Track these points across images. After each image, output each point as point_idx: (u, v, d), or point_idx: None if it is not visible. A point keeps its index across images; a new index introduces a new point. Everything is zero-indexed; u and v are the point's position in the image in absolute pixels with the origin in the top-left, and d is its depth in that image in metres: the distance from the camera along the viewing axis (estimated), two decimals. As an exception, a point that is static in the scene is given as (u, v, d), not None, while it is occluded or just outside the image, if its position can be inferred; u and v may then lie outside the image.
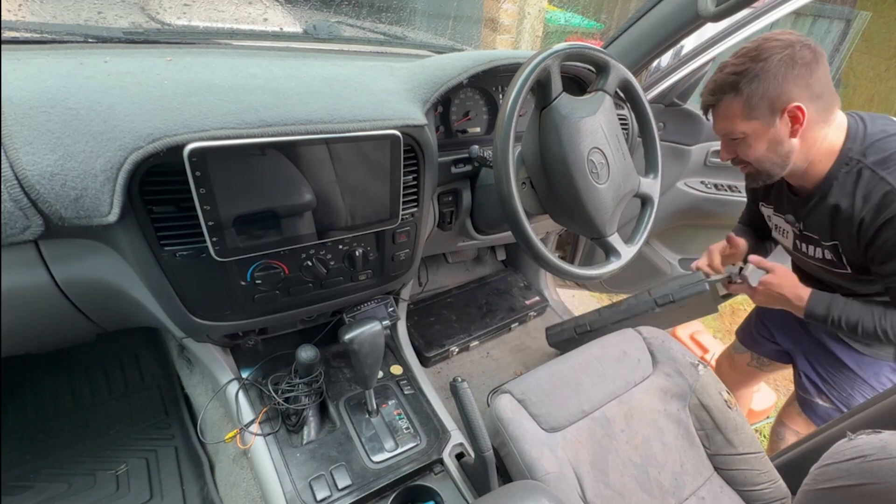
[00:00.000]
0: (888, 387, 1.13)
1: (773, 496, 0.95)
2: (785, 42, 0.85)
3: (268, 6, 1.22)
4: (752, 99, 0.87)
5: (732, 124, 0.93)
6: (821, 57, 0.86)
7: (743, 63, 0.87)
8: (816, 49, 0.86)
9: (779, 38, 0.86)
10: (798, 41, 0.86)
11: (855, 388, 1.16)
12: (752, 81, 0.86)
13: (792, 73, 0.84)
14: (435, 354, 1.38)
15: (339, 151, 0.71)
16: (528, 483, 0.69)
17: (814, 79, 0.85)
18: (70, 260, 0.70)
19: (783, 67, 0.84)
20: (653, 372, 1.07)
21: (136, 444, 1.09)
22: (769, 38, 0.87)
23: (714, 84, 0.92)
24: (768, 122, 0.89)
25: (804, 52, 0.84)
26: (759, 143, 0.92)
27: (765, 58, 0.85)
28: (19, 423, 1.10)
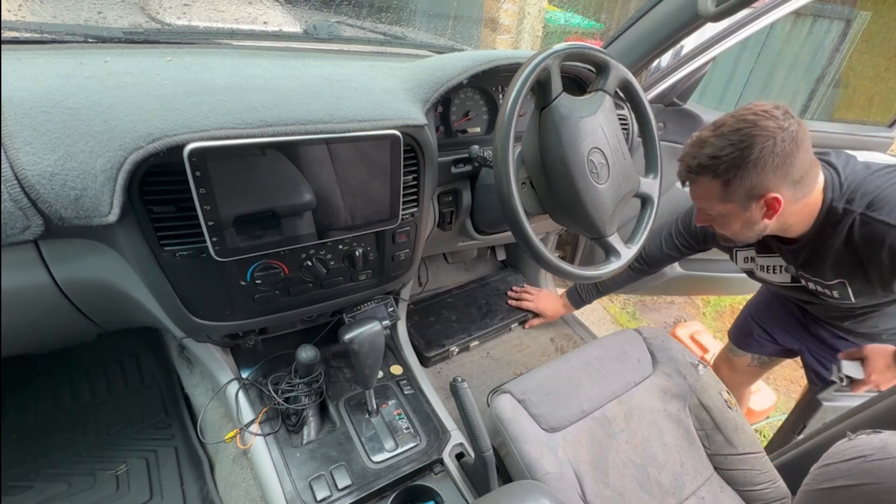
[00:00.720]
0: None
1: (773, 496, 0.95)
2: (768, 131, 0.81)
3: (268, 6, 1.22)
4: (729, 185, 0.86)
5: (708, 203, 0.92)
6: (803, 141, 0.83)
7: (723, 148, 0.84)
8: (797, 134, 0.82)
9: (762, 125, 0.81)
10: (781, 128, 0.81)
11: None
12: (731, 170, 0.84)
13: (772, 165, 0.82)
14: (435, 354, 1.38)
15: (339, 151, 0.71)
16: (528, 483, 0.69)
17: (795, 168, 0.83)
18: (70, 260, 0.70)
19: (764, 159, 0.81)
20: (653, 372, 1.07)
21: (136, 444, 1.09)
22: (753, 124, 0.82)
23: (692, 161, 0.89)
24: (744, 206, 0.88)
25: (787, 143, 0.81)
26: (733, 222, 0.93)
27: (746, 146, 0.82)
28: (19, 422, 1.10)
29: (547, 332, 1.61)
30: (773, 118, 0.81)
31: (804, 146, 0.83)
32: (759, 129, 0.81)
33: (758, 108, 0.84)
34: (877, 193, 0.86)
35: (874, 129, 1.73)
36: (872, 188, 0.87)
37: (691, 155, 0.89)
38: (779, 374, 2.24)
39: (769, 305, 1.39)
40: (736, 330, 1.53)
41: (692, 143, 0.90)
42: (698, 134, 0.89)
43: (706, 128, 0.89)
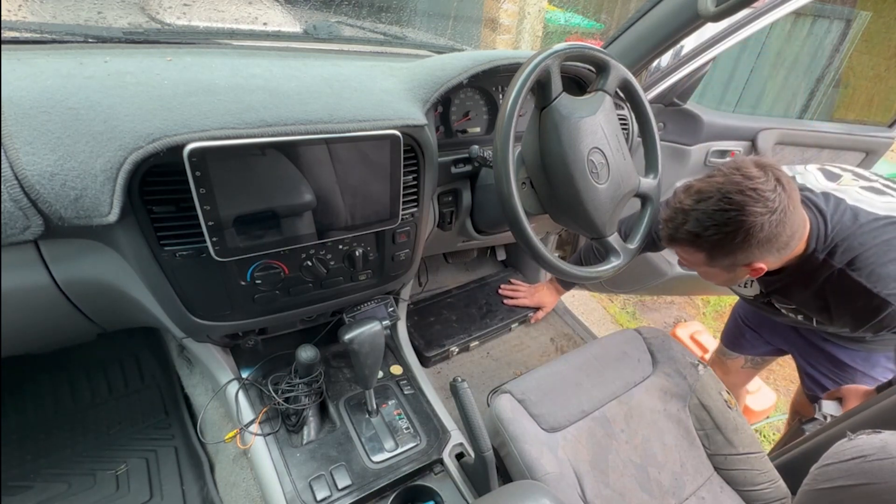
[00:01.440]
0: (887, 375, 1.14)
1: (773, 496, 0.95)
2: (756, 216, 0.76)
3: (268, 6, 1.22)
4: (712, 259, 0.85)
5: (692, 264, 0.92)
6: (792, 210, 0.79)
7: (706, 228, 0.80)
8: (787, 207, 0.78)
9: (749, 211, 0.76)
10: (770, 210, 0.76)
11: (856, 380, 1.17)
12: (714, 248, 0.82)
13: (757, 244, 0.79)
14: (435, 354, 1.38)
15: (339, 151, 0.71)
16: (528, 483, 0.69)
17: (782, 239, 0.80)
18: (70, 260, 0.70)
19: (749, 241, 0.79)
20: (653, 372, 1.07)
21: (136, 444, 1.09)
22: (740, 208, 0.77)
23: (673, 231, 0.86)
24: (728, 269, 0.88)
25: (774, 225, 0.77)
26: (717, 278, 0.93)
27: (730, 230, 0.78)
28: (19, 422, 1.10)
29: (547, 332, 1.61)
30: (761, 199, 0.76)
31: (793, 214, 0.80)
32: (746, 214, 0.76)
33: (746, 182, 0.77)
34: (860, 252, 0.84)
35: (874, 129, 1.73)
36: (856, 245, 0.84)
37: (672, 224, 0.86)
38: (779, 374, 2.24)
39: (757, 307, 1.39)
40: (727, 333, 1.53)
41: (674, 207, 0.86)
42: (680, 198, 0.85)
43: (688, 190, 0.84)
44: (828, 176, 0.98)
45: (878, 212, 0.87)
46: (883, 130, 1.73)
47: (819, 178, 0.97)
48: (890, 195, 0.91)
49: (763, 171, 0.79)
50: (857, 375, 1.16)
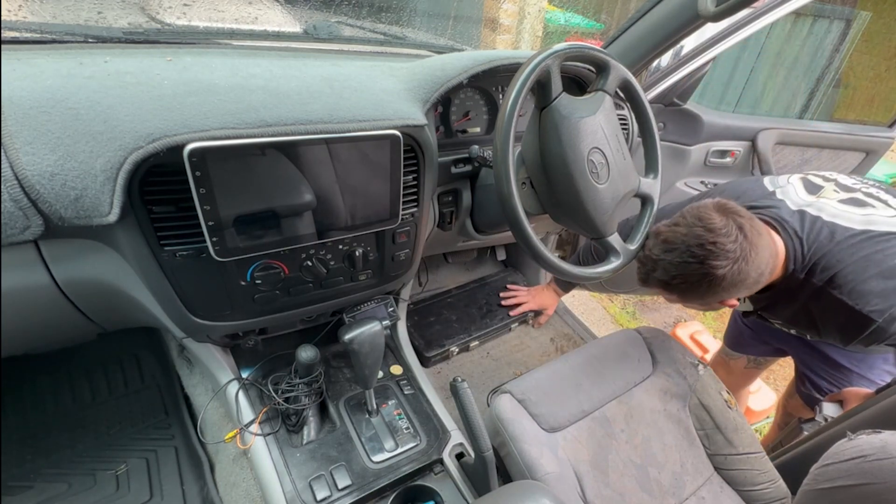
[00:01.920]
0: (885, 378, 1.14)
1: (773, 496, 0.95)
2: (717, 268, 0.79)
3: (268, 6, 1.22)
4: (686, 299, 0.91)
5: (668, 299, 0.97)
6: (754, 255, 0.81)
7: (673, 277, 0.85)
8: (748, 253, 0.80)
9: (710, 264, 0.80)
10: (732, 260, 0.79)
11: (853, 382, 1.17)
12: (685, 292, 0.87)
13: (724, 289, 0.83)
14: (435, 354, 1.38)
15: (339, 151, 0.71)
16: (528, 483, 0.69)
17: (749, 280, 0.83)
18: (70, 260, 0.70)
19: (714, 289, 0.82)
20: (653, 372, 1.07)
21: (136, 444, 1.09)
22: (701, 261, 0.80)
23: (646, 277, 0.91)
24: (702, 304, 0.93)
25: (735, 273, 0.80)
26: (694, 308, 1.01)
27: (694, 281, 0.83)
28: (19, 422, 1.10)
29: (547, 332, 1.61)
30: (722, 252, 0.79)
31: (757, 257, 0.82)
32: (708, 267, 0.80)
33: (707, 237, 0.80)
34: (839, 270, 0.85)
35: (874, 129, 1.73)
36: (834, 262, 0.85)
37: (643, 270, 0.91)
38: (779, 374, 2.24)
39: None
40: (729, 333, 1.53)
41: (644, 254, 0.91)
42: (649, 244, 0.89)
43: (657, 237, 0.87)
44: (809, 188, 0.98)
45: (855, 227, 0.87)
46: (883, 130, 1.73)
47: (800, 190, 0.97)
48: (870, 206, 0.91)
49: (725, 216, 0.82)
50: (853, 377, 1.17)
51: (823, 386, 1.21)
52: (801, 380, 1.28)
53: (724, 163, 1.58)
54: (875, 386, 1.15)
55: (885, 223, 0.87)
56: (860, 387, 1.15)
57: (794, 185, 0.99)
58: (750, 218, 0.84)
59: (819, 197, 0.95)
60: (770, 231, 0.89)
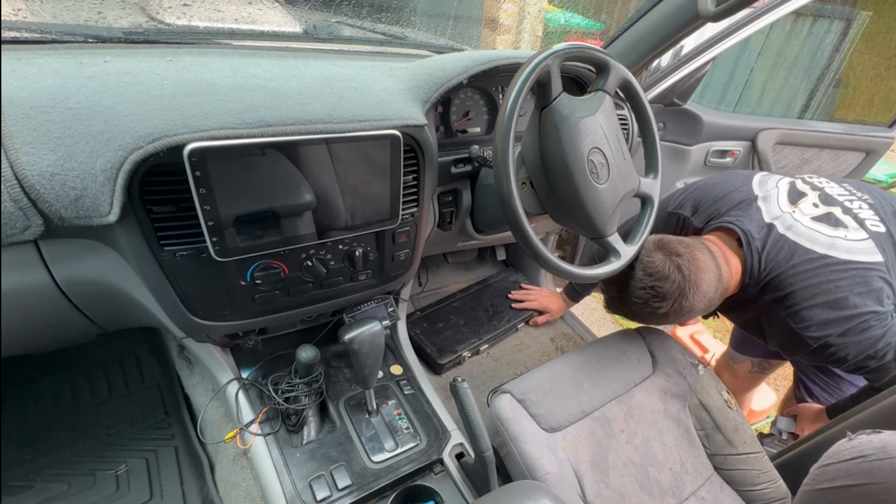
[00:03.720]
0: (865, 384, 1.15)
1: (773, 496, 0.95)
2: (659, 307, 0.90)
3: (268, 6, 1.22)
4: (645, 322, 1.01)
5: None
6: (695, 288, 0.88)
7: (628, 314, 0.98)
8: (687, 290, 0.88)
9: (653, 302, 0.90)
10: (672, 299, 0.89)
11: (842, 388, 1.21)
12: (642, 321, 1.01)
13: (671, 318, 0.93)
14: (448, 361, 1.37)
15: (339, 151, 0.71)
16: (528, 483, 0.69)
17: (697, 309, 0.92)
18: (70, 260, 0.70)
19: (665, 319, 0.93)
20: (653, 372, 1.07)
21: (136, 444, 1.09)
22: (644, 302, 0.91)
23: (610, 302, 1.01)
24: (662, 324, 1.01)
25: (680, 307, 0.89)
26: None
27: (644, 315, 0.95)
28: (19, 422, 1.10)
29: (547, 331, 1.61)
30: (659, 295, 0.89)
31: (698, 291, 0.89)
32: (652, 308, 0.91)
33: (646, 280, 0.90)
34: (789, 291, 0.89)
35: (874, 129, 1.73)
36: (787, 284, 0.89)
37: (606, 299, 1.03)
38: (779, 374, 2.23)
39: None
40: (733, 336, 1.53)
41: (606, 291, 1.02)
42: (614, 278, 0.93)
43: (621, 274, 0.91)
44: (791, 196, 0.98)
45: (817, 249, 0.89)
46: (883, 130, 1.73)
47: (781, 198, 0.98)
48: (843, 226, 0.92)
49: (666, 256, 0.90)
50: (843, 384, 1.18)
51: (816, 391, 1.23)
52: (798, 384, 1.30)
53: (724, 163, 1.58)
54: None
55: (847, 250, 0.88)
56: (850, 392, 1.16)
57: (779, 190, 1.00)
58: (690, 255, 0.89)
59: (797, 207, 0.95)
60: (723, 251, 0.95)
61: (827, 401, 1.21)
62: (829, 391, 1.21)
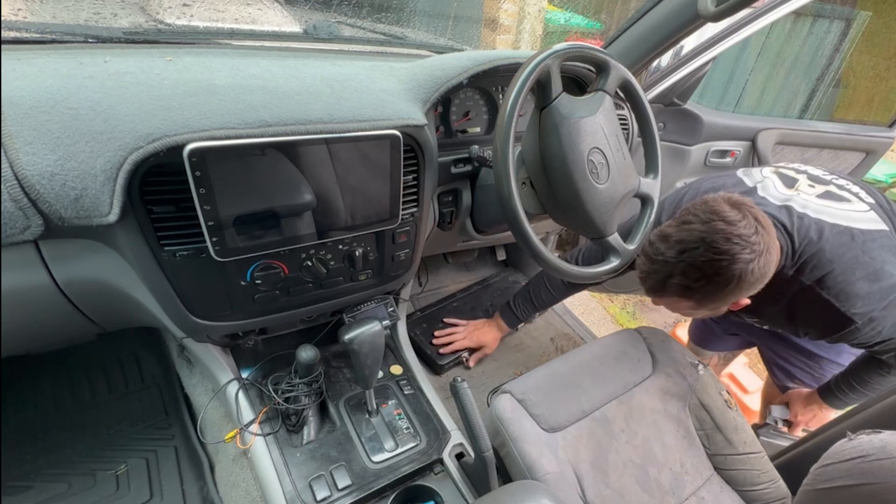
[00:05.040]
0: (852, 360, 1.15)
1: (773, 496, 0.95)
2: (745, 262, 0.76)
3: (268, 6, 1.22)
4: (702, 304, 0.86)
5: (676, 308, 0.93)
6: (774, 248, 0.80)
7: (696, 280, 0.80)
8: (769, 246, 0.78)
9: (739, 258, 0.76)
10: (757, 253, 0.77)
11: (824, 367, 1.20)
12: (706, 297, 0.82)
13: (747, 286, 0.80)
14: (448, 362, 1.37)
15: (338, 151, 0.71)
16: (528, 483, 0.69)
17: (768, 277, 0.82)
18: (70, 260, 0.70)
19: (741, 286, 0.79)
20: (653, 372, 1.07)
21: (136, 444, 1.09)
22: (730, 257, 0.76)
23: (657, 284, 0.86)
24: (712, 309, 0.89)
25: (761, 266, 0.78)
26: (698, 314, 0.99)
27: (721, 279, 0.78)
28: (19, 423, 1.10)
29: (547, 331, 1.61)
30: (748, 245, 0.76)
31: (774, 250, 0.81)
32: (737, 262, 0.76)
33: (730, 229, 0.77)
34: (829, 270, 0.85)
35: (874, 129, 1.73)
36: (825, 262, 0.85)
37: (656, 277, 0.84)
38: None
39: None
40: (696, 332, 1.52)
41: (654, 260, 0.84)
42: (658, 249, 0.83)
43: (667, 241, 0.82)
44: (785, 181, 0.97)
45: (839, 223, 0.87)
46: (883, 130, 1.73)
47: (777, 185, 0.97)
48: (846, 200, 0.92)
49: (740, 211, 0.80)
50: (824, 363, 1.18)
51: (797, 374, 1.23)
52: (773, 370, 1.30)
53: (724, 163, 1.58)
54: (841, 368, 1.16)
55: (864, 220, 0.88)
56: (830, 371, 1.18)
57: (770, 180, 0.99)
58: (762, 212, 0.82)
59: (797, 191, 0.95)
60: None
61: (810, 383, 1.21)
62: (810, 371, 1.21)
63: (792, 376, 1.24)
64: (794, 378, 1.24)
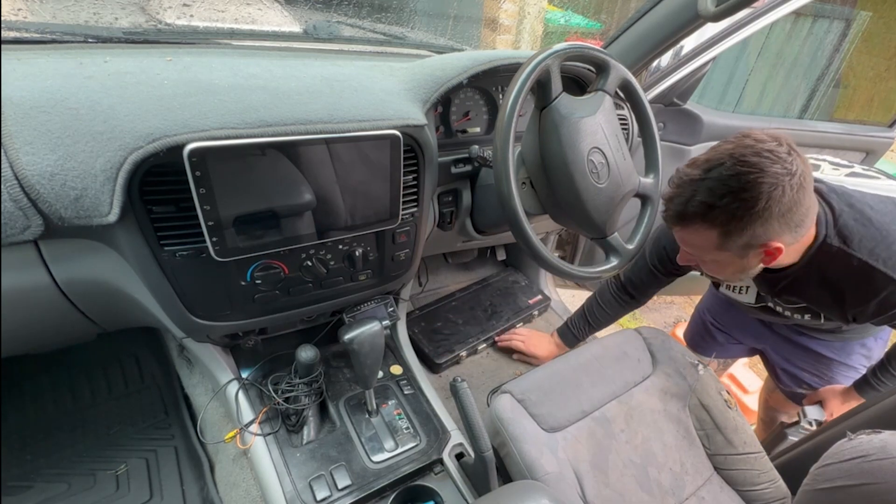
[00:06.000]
0: (862, 362, 1.14)
1: (773, 496, 0.95)
2: (776, 177, 0.69)
3: (267, 6, 1.22)
4: (728, 236, 0.75)
5: (700, 251, 0.82)
6: (809, 181, 0.73)
7: (722, 196, 0.71)
8: (805, 175, 0.71)
9: (769, 171, 0.69)
10: (790, 173, 0.70)
11: (834, 370, 1.18)
12: (732, 221, 0.72)
13: (778, 214, 0.71)
14: (445, 360, 1.37)
15: (339, 151, 0.71)
16: (528, 483, 0.69)
17: (800, 212, 0.73)
18: (70, 260, 0.70)
19: (770, 209, 0.70)
20: (653, 372, 1.07)
21: (136, 444, 1.09)
22: (759, 170, 0.70)
23: (681, 207, 0.76)
24: (741, 255, 0.78)
25: (795, 190, 0.70)
26: (726, 268, 0.83)
27: (749, 196, 0.70)
28: (19, 423, 1.10)
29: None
30: (779, 160, 0.69)
31: (810, 184, 0.73)
32: (766, 175, 0.69)
33: (760, 145, 0.71)
34: (880, 240, 0.79)
35: (874, 129, 1.73)
36: (875, 233, 0.79)
37: (679, 199, 0.76)
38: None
39: (727, 306, 1.34)
40: (692, 336, 1.48)
41: (679, 182, 0.77)
42: (685, 171, 0.76)
43: (695, 163, 0.76)
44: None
45: (880, 193, 0.83)
46: (883, 130, 1.74)
47: None
48: (877, 178, 0.89)
49: (775, 138, 0.73)
50: (833, 365, 1.17)
51: (805, 378, 1.21)
52: (780, 375, 1.27)
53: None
54: (854, 371, 1.15)
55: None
56: (839, 374, 1.17)
57: None
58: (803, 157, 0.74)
59: (822, 173, 0.92)
60: None
61: (818, 384, 1.20)
62: (819, 375, 1.19)
63: (799, 381, 1.23)
64: (801, 383, 1.23)
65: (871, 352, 1.16)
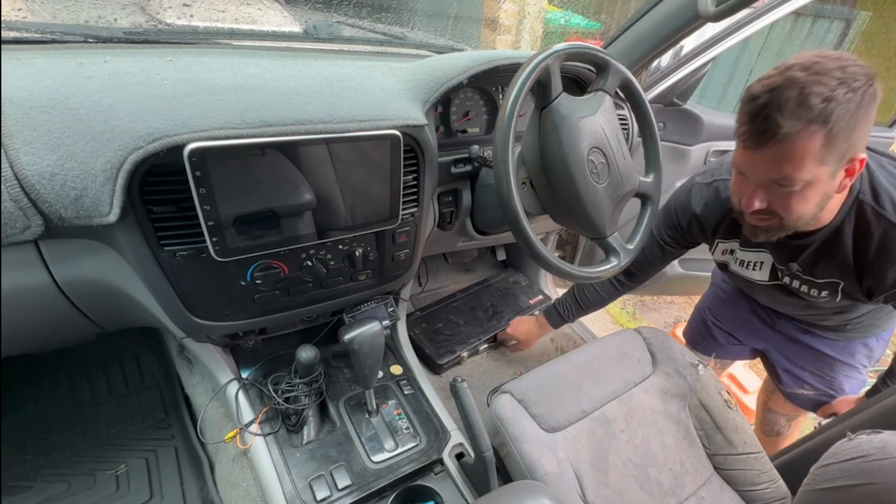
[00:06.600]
0: (864, 362, 1.14)
1: (773, 496, 0.95)
2: (867, 73, 0.65)
3: (267, 6, 1.22)
4: (836, 138, 0.65)
5: (797, 167, 0.69)
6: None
7: (834, 88, 0.63)
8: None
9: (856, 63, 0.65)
10: (871, 73, 0.66)
11: (836, 370, 1.17)
12: (844, 116, 0.64)
13: (871, 114, 0.66)
14: (447, 361, 1.37)
15: (339, 151, 0.71)
16: (528, 483, 0.69)
17: (869, 128, 0.69)
18: (70, 260, 0.70)
19: (869, 104, 0.65)
20: (653, 372, 1.07)
21: (136, 444, 1.09)
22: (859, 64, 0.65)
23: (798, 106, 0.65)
24: (834, 172, 0.70)
25: (875, 96, 0.66)
26: (814, 195, 0.72)
27: (854, 88, 0.63)
28: (19, 422, 1.10)
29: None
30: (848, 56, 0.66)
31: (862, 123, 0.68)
32: (865, 67, 0.64)
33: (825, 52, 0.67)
34: None
35: (874, 129, 1.72)
36: None
37: (787, 101, 0.65)
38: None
39: (729, 305, 1.33)
40: (692, 334, 1.47)
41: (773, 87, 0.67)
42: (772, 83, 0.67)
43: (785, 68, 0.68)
44: None
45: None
46: (883, 130, 1.74)
47: None
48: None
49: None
50: (836, 364, 1.16)
51: (807, 378, 1.21)
52: (781, 376, 1.26)
53: (724, 163, 1.58)
54: (856, 371, 1.15)
55: None
56: (842, 373, 1.16)
57: None
58: None
59: None
60: None
61: (819, 387, 1.19)
62: (821, 375, 1.19)
63: (801, 381, 1.23)
64: (803, 383, 1.23)
65: (874, 352, 1.16)
